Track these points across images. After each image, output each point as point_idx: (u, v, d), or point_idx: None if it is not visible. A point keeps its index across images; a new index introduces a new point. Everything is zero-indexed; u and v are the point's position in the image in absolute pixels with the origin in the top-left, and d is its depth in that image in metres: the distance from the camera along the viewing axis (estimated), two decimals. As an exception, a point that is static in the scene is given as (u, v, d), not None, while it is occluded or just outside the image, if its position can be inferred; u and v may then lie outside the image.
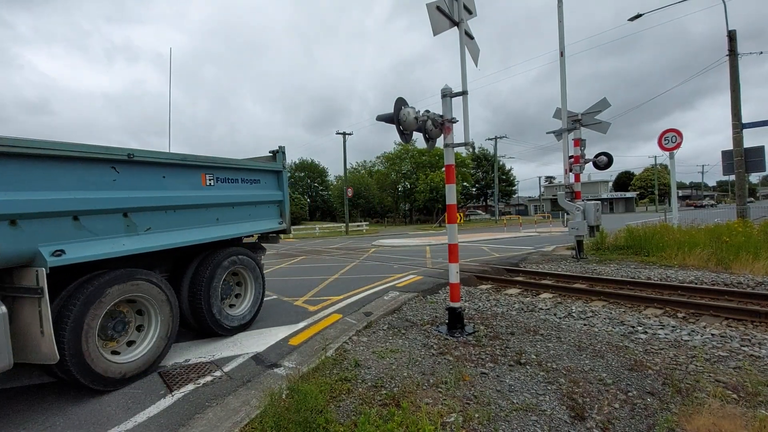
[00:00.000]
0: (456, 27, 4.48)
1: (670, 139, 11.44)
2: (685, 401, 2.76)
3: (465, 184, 49.09)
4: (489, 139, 45.61)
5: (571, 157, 10.12)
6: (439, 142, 4.65)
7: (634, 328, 4.48)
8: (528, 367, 3.45)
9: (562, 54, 9.83)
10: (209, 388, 3.28)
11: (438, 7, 4.24)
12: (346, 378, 3.27)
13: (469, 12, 4.70)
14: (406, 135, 4.27)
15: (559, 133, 10.18)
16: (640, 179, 72.78)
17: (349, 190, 35.70)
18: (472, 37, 4.78)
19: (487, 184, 53.33)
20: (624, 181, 76.86)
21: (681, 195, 70.24)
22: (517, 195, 66.55)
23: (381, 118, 4.33)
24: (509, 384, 3.13)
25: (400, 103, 4.16)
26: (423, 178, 41.40)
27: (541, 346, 3.93)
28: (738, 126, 12.12)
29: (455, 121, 4.42)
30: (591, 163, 10.82)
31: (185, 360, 3.92)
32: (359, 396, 2.98)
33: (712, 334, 4.17)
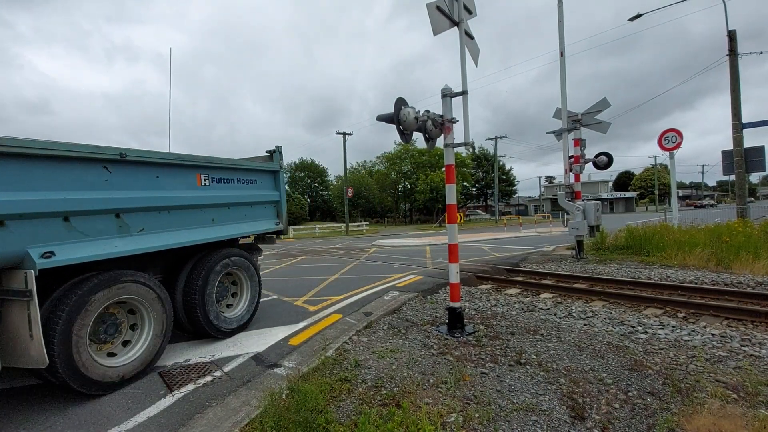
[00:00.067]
0: (456, 27, 4.48)
1: (670, 139, 11.44)
2: (685, 401, 2.76)
3: (465, 184, 49.09)
4: (489, 139, 45.69)
5: (571, 157, 10.12)
6: (439, 142, 4.64)
7: (634, 328, 4.48)
8: (528, 367, 3.45)
9: (562, 54, 9.84)
10: (209, 388, 3.28)
11: (438, 7, 4.24)
12: (346, 378, 3.27)
13: (469, 12, 4.70)
14: (406, 135, 4.27)
15: (559, 133, 10.19)
16: (640, 179, 72.79)
17: (349, 190, 35.70)
18: (472, 37, 4.78)
19: (487, 184, 53.33)
20: (624, 181, 76.87)
21: (681, 195, 70.22)
22: (517, 195, 66.54)
23: (381, 118, 4.33)
24: (509, 384, 3.13)
25: (400, 103, 4.16)
26: (423, 178, 41.39)
27: (541, 346, 3.93)
28: (738, 126, 12.12)
29: (455, 121, 4.42)
30: (591, 163, 10.82)
31: (185, 360, 3.92)
32: (359, 396, 2.98)
33: (713, 334, 4.17)
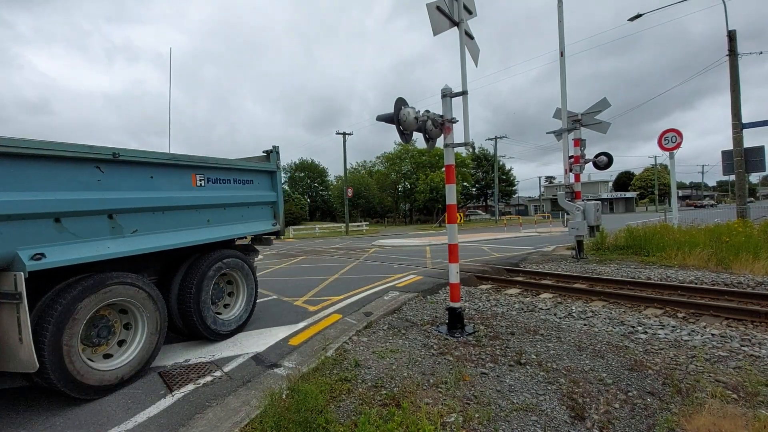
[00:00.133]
0: (456, 27, 4.48)
1: (670, 139, 11.44)
2: (685, 401, 2.76)
3: (465, 184, 49.08)
4: (489, 139, 45.67)
5: (571, 157, 10.12)
6: (439, 142, 4.64)
7: (634, 328, 4.48)
8: (528, 367, 3.45)
9: (562, 54, 9.83)
10: (209, 388, 3.28)
11: (438, 7, 4.24)
12: (346, 378, 3.27)
13: (469, 12, 4.70)
14: (406, 135, 4.27)
15: (559, 133, 10.18)
16: (640, 179, 72.79)
17: (349, 190, 35.71)
18: (472, 37, 4.78)
19: (487, 184, 53.32)
20: (624, 181, 76.86)
21: (681, 195, 70.23)
22: (517, 195, 66.55)
23: (381, 118, 4.33)
24: (509, 384, 3.13)
25: (400, 103, 4.16)
26: (423, 178, 41.39)
27: (541, 346, 3.93)
28: (738, 126, 12.12)
29: (455, 121, 4.42)
30: (591, 163, 10.83)
31: (185, 360, 3.92)
32: (359, 396, 2.98)
33: (712, 334, 4.17)
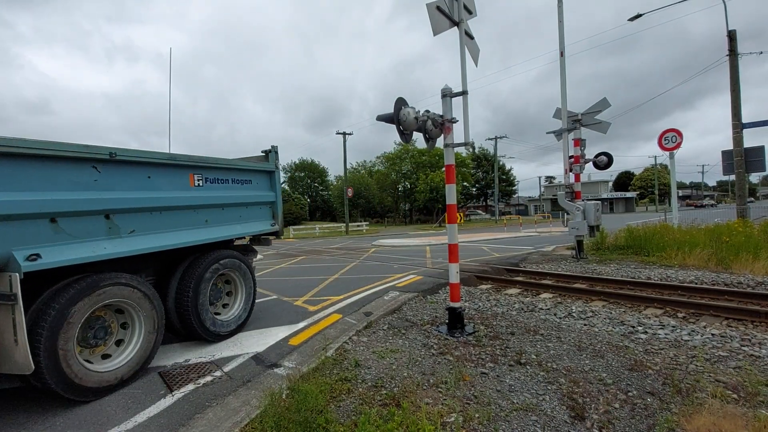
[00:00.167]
0: (456, 27, 4.48)
1: (670, 139, 11.44)
2: (685, 401, 2.76)
3: (465, 184, 49.09)
4: (489, 139, 45.68)
5: (571, 157, 10.12)
6: (439, 142, 4.64)
7: (634, 328, 4.48)
8: (528, 367, 3.45)
9: (562, 54, 9.83)
10: (209, 388, 3.28)
11: (438, 7, 4.24)
12: (346, 378, 3.27)
13: (469, 12, 4.70)
14: (406, 135, 4.27)
15: (559, 133, 10.18)
16: (640, 179, 72.81)
17: (349, 190, 35.71)
18: (472, 37, 4.78)
19: (487, 184, 53.32)
20: (624, 181, 76.87)
21: (681, 195, 70.22)
22: (517, 195, 66.58)
23: (381, 118, 4.33)
24: (509, 384, 3.13)
25: (400, 103, 4.16)
26: (423, 178, 41.40)
27: (541, 346, 3.93)
28: (738, 126, 12.12)
29: (455, 121, 4.42)
30: (591, 163, 10.82)
31: (185, 360, 3.92)
32: (359, 396, 2.98)
33: (712, 334, 4.17)
